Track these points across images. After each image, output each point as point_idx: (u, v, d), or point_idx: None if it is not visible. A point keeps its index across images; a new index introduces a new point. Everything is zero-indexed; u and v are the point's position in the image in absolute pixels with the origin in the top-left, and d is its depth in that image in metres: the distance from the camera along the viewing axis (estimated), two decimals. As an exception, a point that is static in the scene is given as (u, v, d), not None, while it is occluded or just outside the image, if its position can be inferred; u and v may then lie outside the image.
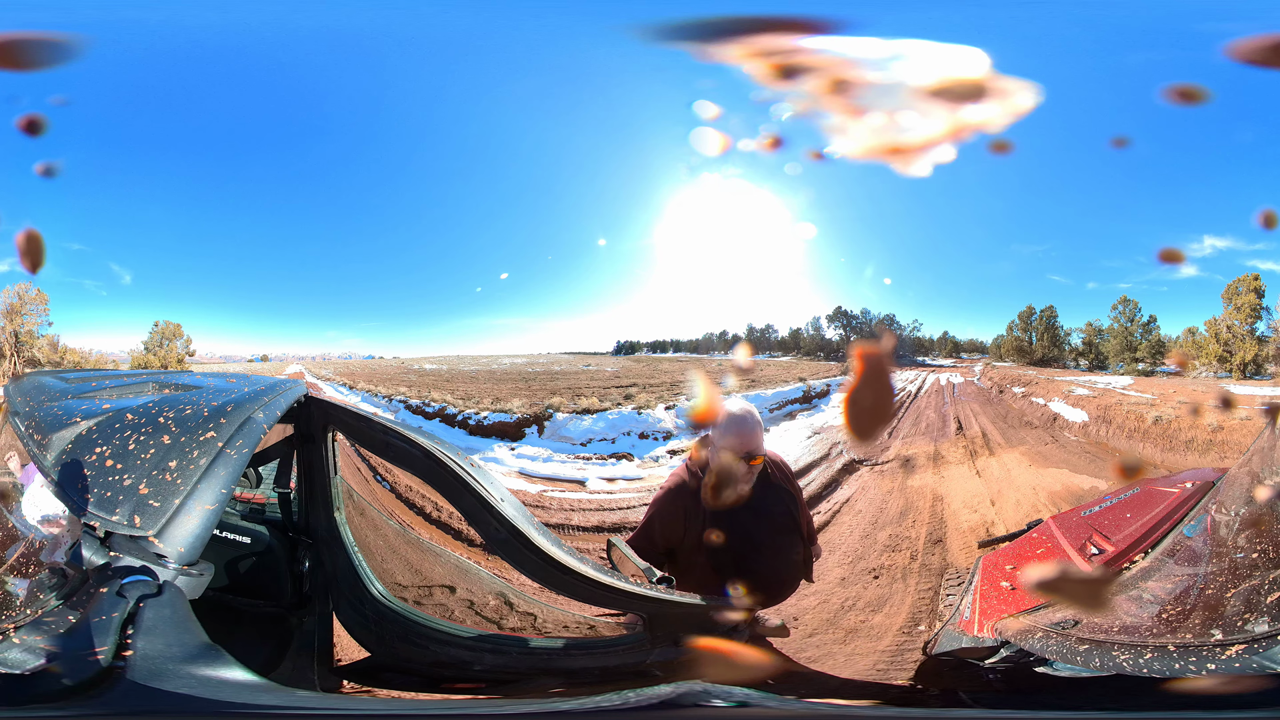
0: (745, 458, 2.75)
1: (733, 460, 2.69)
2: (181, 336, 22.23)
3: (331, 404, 2.86)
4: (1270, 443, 1.79)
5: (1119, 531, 2.31)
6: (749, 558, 2.77)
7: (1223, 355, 19.24)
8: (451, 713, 1.22)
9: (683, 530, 2.77)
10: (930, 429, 13.64)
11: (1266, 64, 1.44)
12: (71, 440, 1.52)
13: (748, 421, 2.80)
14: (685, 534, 2.76)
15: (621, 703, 1.04)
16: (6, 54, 1.44)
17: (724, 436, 2.74)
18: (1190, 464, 9.94)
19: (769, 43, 1.55)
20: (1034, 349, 23.58)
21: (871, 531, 7.09)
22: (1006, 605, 2.11)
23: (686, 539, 2.76)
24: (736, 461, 2.71)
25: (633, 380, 20.61)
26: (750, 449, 2.78)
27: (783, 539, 2.93)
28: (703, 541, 2.71)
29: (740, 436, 2.77)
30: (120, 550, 1.29)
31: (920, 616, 4.75)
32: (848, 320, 26.43)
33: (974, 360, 25.55)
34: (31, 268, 1.62)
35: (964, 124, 1.41)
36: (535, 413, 15.51)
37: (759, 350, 28.03)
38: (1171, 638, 1.26)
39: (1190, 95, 2.14)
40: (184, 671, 1.04)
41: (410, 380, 22.64)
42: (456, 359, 27.94)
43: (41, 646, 1.06)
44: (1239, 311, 19.24)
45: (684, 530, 2.77)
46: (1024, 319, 24.12)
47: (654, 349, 28.89)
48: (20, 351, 19.28)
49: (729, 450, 2.72)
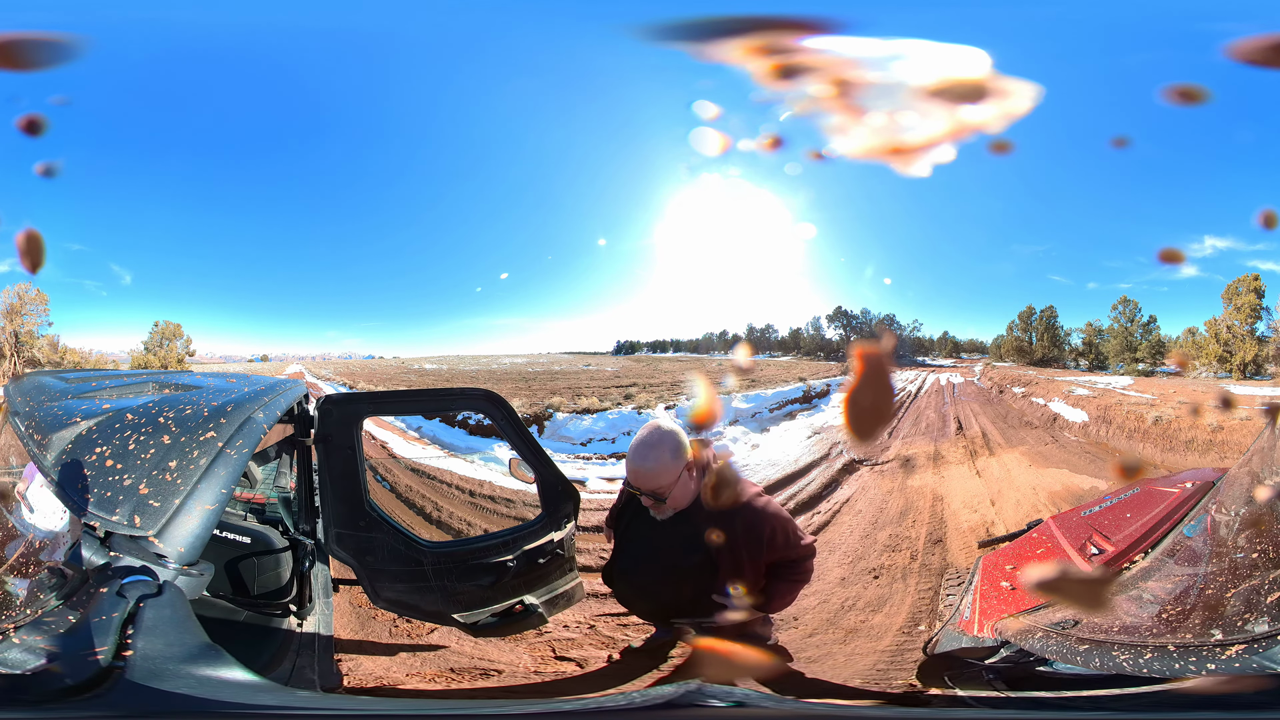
0: (650, 497, 2.38)
1: (727, 467, 2.42)
2: (181, 336, 22.23)
3: (359, 394, 3.20)
4: (1270, 443, 1.79)
5: (1119, 531, 2.31)
6: (626, 582, 2.63)
7: (1223, 355, 19.23)
8: (451, 713, 1.22)
9: (613, 525, 2.74)
10: (930, 429, 13.64)
11: (1266, 64, 1.44)
12: (71, 440, 1.51)
13: (646, 453, 2.34)
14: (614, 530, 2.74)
15: (626, 703, 1.05)
16: (6, 54, 1.44)
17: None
18: (1190, 464, 9.93)
19: (769, 42, 1.55)
20: (1034, 349, 23.58)
21: (871, 531, 7.09)
22: (1006, 605, 2.11)
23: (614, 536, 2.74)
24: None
25: (633, 380, 20.62)
26: (645, 487, 2.37)
27: (672, 588, 2.45)
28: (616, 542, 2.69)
29: (634, 471, 2.38)
30: (120, 550, 1.29)
31: (920, 616, 4.74)
32: (848, 320, 26.43)
33: (974, 360, 25.54)
34: (31, 268, 1.61)
35: (964, 124, 1.42)
36: (535, 412, 15.51)
37: (759, 350, 28.03)
38: (1171, 638, 1.26)
39: (1190, 95, 2.14)
40: (184, 671, 1.04)
41: (410, 380, 22.65)
42: (456, 359, 27.94)
43: (41, 646, 1.06)
44: (1239, 311, 19.24)
45: (614, 526, 2.74)
46: (1024, 319, 24.13)
47: (654, 349, 28.89)
48: (20, 351, 19.27)
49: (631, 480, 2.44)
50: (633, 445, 2.38)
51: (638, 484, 2.37)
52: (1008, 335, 24.44)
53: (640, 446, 2.35)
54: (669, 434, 2.35)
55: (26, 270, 1.60)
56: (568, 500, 2.99)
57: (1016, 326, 24.31)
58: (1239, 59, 1.44)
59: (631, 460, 2.36)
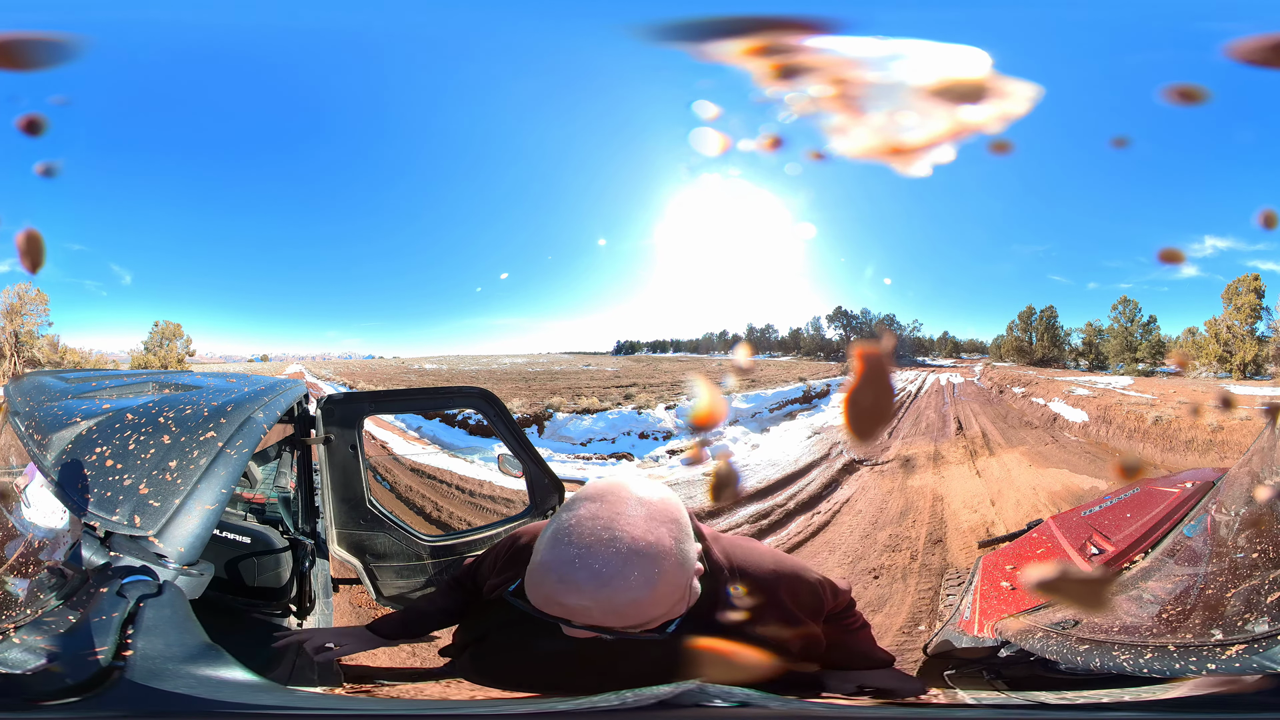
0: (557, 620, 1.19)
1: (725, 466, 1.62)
2: (181, 336, 22.25)
3: (360, 393, 3.28)
4: (1270, 443, 1.79)
5: (1119, 531, 2.31)
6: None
7: (1223, 355, 19.24)
8: (452, 713, 1.22)
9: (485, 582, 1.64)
10: (930, 429, 13.64)
11: (1266, 64, 1.44)
12: (71, 440, 1.51)
13: (617, 575, 1.13)
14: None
15: (620, 703, 1.04)
16: (6, 54, 1.44)
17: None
18: (1190, 464, 9.94)
19: (769, 42, 1.55)
20: (1034, 349, 23.59)
21: (871, 531, 7.09)
22: (1006, 605, 2.11)
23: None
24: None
25: (633, 380, 20.62)
26: (611, 624, 1.17)
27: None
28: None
29: (595, 607, 1.14)
30: (120, 550, 1.29)
31: (920, 616, 4.75)
32: (848, 320, 26.44)
33: (974, 360, 25.55)
34: (31, 268, 1.61)
35: (964, 124, 1.42)
36: (535, 412, 15.52)
37: (759, 350, 28.04)
38: (1171, 638, 1.26)
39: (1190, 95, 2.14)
40: (184, 671, 1.04)
41: (410, 380, 22.66)
42: (456, 359, 27.95)
43: (41, 646, 1.06)
44: (1239, 311, 19.24)
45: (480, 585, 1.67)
46: (1024, 319, 24.14)
47: (654, 349, 28.90)
48: (20, 351, 19.28)
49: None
50: (577, 554, 1.15)
51: (601, 623, 1.17)
52: (1008, 335, 24.47)
53: (599, 559, 1.14)
54: (660, 533, 1.19)
55: (26, 270, 1.59)
56: (553, 494, 3.18)
57: (1016, 326, 24.34)
58: (1239, 59, 1.44)
59: (585, 585, 1.14)
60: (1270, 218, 3.14)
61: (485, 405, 3.16)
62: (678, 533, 1.22)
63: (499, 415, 3.14)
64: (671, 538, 1.20)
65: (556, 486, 3.19)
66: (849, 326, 26.30)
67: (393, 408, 3.92)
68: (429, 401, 5.28)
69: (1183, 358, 20.11)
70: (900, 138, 1.44)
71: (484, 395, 3.19)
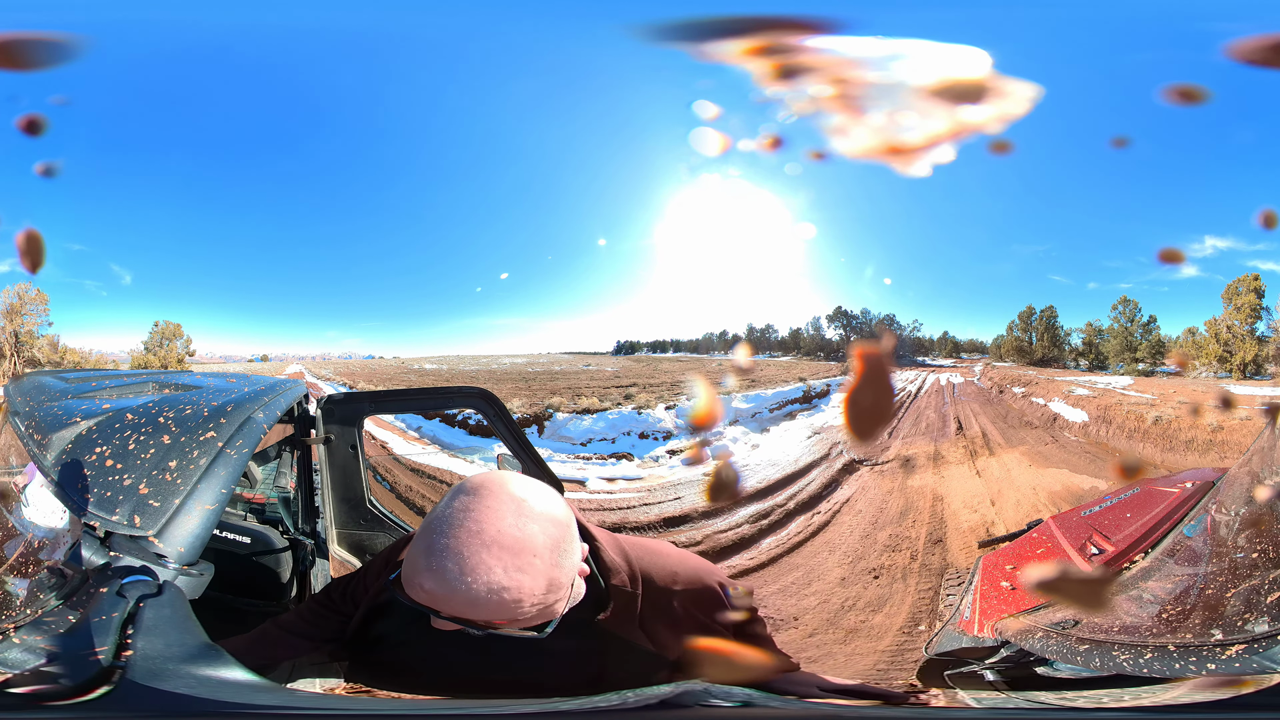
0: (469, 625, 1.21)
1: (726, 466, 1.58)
2: (181, 336, 22.26)
3: (360, 393, 3.28)
4: (1270, 443, 1.79)
5: (1119, 531, 2.31)
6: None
7: (1223, 355, 19.24)
8: (451, 713, 1.22)
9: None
10: (930, 429, 13.64)
11: (1266, 64, 1.44)
12: (71, 440, 1.51)
13: (490, 564, 1.14)
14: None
15: (620, 702, 1.04)
16: (6, 54, 1.44)
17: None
18: (1190, 464, 9.94)
19: (769, 42, 1.55)
20: (1034, 349, 23.60)
21: (871, 531, 7.09)
22: (1006, 605, 2.12)
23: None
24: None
25: (633, 380, 20.63)
26: (483, 618, 1.17)
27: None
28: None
29: (461, 599, 1.14)
30: (120, 550, 1.29)
31: (920, 616, 4.75)
32: (848, 320, 26.45)
33: (974, 360, 25.56)
34: (31, 268, 1.61)
35: (964, 124, 1.42)
36: (535, 412, 15.52)
37: (759, 350, 28.05)
38: (1171, 638, 1.26)
39: (1190, 95, 2.15)
40: (184, 671, 1.05)
41: (410, 380, 22.67)
42: (456, 359, 27.96)
43: (41, 646, 1.07)
44: (1239, 311, 19.25)
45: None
46: (1024, 319, 24.15)
47: (654, 349, 28.91)
48: (20, 351, 19.28)
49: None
50: (443, 542, 1.15)
51: (462, 614, 1.17)
52: (1008, 335, 24.48)
53: (464, 548, 1.14)
54: (529, 529, 1.19)
55: (26, 270, 1.59)
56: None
57: (1016, 326, 24.35)
58: (1239, 59, 1.44)
59: (446, 573, 1.13)
60: (1270, 218, 3.14)
61: (485, 405, 3.14)
62: (552, 530, 1.22)
63: (499, 415, 3.12)
64: (544, 534, 1.20)
65: (556, 487, 3.16)
66: (849, 326, 26.32)
67: (393, 408, 3.91)
68: (429, 401, 5.28)
69: (1183, 358, 20.13)
70: (900, 138, 1.44)
71: (484, 395, 3.16)
